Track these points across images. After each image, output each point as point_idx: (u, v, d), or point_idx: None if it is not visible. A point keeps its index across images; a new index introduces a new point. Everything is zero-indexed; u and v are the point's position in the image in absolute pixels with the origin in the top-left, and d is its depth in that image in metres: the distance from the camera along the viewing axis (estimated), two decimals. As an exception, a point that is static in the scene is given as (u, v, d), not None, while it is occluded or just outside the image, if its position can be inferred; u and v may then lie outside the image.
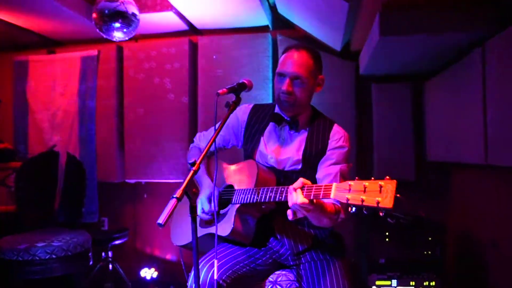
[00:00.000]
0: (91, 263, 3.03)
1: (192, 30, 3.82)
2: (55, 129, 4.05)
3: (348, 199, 1.36)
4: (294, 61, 1.87)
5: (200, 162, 1.48)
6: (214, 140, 1.60)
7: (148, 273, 3.87)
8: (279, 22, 3.74)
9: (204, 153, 1.53)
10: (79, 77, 4.00)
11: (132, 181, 3.98)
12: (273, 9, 3.65)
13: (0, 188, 3.76)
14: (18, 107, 4.16)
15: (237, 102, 1.77)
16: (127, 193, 4.09)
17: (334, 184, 1.45)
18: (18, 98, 4.16)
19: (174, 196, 1.36)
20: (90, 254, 2.93)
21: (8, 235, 2.86)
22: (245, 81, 1.80)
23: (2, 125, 4.22)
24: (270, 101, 3.57)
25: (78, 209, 3.17)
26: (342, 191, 1.40)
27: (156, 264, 3.95)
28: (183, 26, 3.74)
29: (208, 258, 1.83)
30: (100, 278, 3.74)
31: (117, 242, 3.73)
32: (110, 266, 3.76)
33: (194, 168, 1.45)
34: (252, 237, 1.93)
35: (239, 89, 1.78)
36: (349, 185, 1.38)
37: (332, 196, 1.44)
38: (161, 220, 1.30)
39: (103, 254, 3.75)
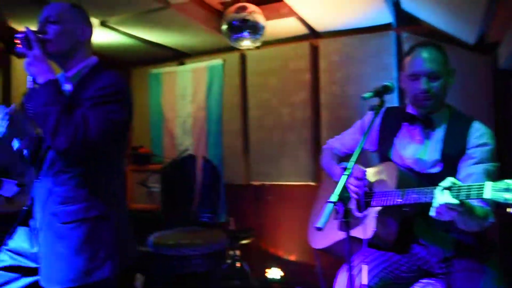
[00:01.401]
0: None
1: (312, 33, 3.85)
2: (186, 134, 4.39)
3: (506, 199, 1.27)
4: (425, 58, 1.83)
5: (351, 167, 1.49)
6: (361, 146, 1.59)
7: (274, 273, 3.98)
8: (403, 19, 3.58)
9: (355, 158, 1.53)
10: (207, 85, 4.29)
11: (257, 183, 4.14)
12: (396, 5, 3.52)
13: (141, 188, 4.19)
14: (154, 115, 4.59)
15: (381, 105, 1.73)
16: (251, 195, 4.24)
17: (487, 183, 1.35)
18: (154, 107, 4.60)
19: (330, 200, 1.38)
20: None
21: (155, 232, 3.17)
22: (389, 84, 1.76)
23: (141, 132, 4.69)
24: (396, 101, 3.44)
25: (214, 210, 3.40)
26: (497, 191, 1.31)
27: (281, 264, 4.04)
28: (304, 30, 3.79)
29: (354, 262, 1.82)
30: (228, 275, 3.94)
31: (244, 241, 3.90)
32: (238, 264, 3.93)
33: (347, 172, 1.46)
34: (393, 242, 1.88)
35: (384, 91, 1.74)
36: (506, 183, 1.29)
37: (486, 195, 1.34)
38: (320, 224, 1.33)
39: (231, 252, 3.94)
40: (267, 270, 4.02)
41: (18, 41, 1.53)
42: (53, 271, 1.51)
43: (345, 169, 1.48)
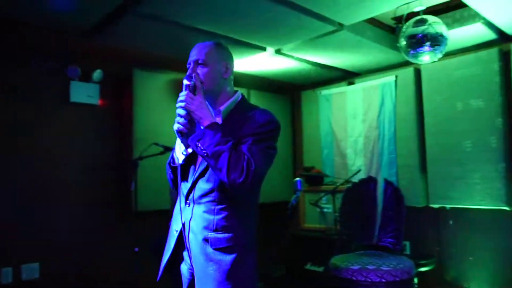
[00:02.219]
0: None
1: (501, 38, 3.42)
2: (358, 154, 4.31)
3: None
4: None
5: None
6: None
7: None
8: None
9: None
10: (379, 104, 4.16)
11: (436, 205, 3.81)
12: None
13: (313, 209, 4.25)
14: (325, 135, 4.63)
15: None
16: (429, 218, 3.92)
17: None
18: (324, 127, 4.65)
19: None
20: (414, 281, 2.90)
21: (334, 254, 3.15)
22: None
23: (312, 152, 4.78)
24: None
25: (397, 235, 3.23)
26: None
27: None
28: (490, 36, 3.40)
29: None
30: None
31: (423, 269, 3.60)
32: (417, 293, 3.65)
33: None
34: None
35: None
36: None
37: None
38: None
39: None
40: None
41: (187, 86, 1.65)
42: None
43: None
